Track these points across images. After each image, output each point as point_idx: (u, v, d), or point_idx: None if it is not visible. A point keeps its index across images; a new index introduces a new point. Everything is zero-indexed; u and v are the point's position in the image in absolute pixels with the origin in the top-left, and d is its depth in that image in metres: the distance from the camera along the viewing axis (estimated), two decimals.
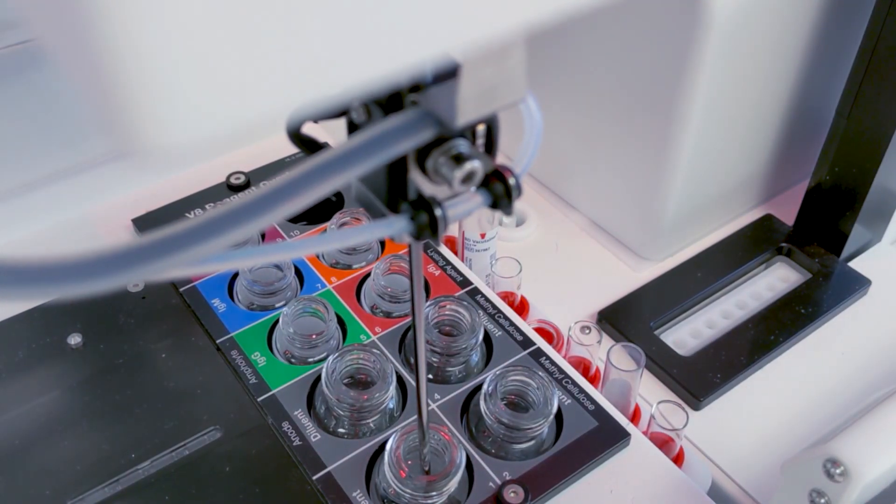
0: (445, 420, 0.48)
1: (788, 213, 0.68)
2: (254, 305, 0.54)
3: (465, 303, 0.52)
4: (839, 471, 0.37)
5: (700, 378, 0.56)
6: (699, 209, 0.64)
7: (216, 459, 0.46)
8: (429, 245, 0.57)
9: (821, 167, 0.63)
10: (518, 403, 0.49)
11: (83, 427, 0.47)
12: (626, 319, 0.60)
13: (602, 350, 0.54)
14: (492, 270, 0.61)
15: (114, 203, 0.62)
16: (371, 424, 0.48)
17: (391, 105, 0.29)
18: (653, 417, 0.49)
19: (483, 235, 0.60)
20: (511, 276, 0.58)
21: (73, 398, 0.49)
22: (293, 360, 0.51)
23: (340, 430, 0.48)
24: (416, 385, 0.40)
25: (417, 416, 0.42)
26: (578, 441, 0.47)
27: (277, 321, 0.52)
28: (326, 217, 0.59)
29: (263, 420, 0.48)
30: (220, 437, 0.47)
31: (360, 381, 0.49)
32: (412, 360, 0.51)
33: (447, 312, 0.52)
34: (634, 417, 0.53)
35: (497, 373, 0.48)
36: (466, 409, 0.49)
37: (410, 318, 0.44)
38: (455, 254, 0.61)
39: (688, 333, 0.60)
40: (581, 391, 0.50)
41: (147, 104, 0.17)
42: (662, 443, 0.50)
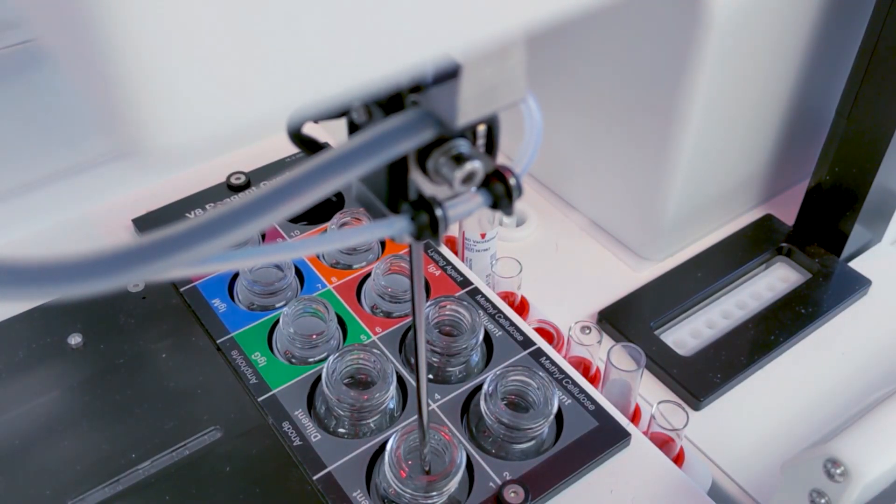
0: (446, 420, 0.48)
1: (788, 213, 0.68)
2: (254, 305, 0.54)
3: (466, 303, 0.52)
4: (839, 471, 0.37)
5: (700, 378, 0.56)
6: (699, 209, 0.64)
7: (216, 459, 0.46)
8: (429, 245, 0.57)
9: (821, 167, 0.63)
10: (518, 403, 0.49)
11: (83, 427, 0.47)
12: (626, 319, 0.60)
13: (602, 350, 0.54)
14: (492, 270, 0.61)
15: (114, 203, 0.62)
16: (371, 424, 0.48)
17: (392, 105, 0.29)
18: (653, 417, 0.49)
19: (483, 235, 0.60)
20: (511, 276, 0.58)
21: (73, 398, 0.49)
22: (293, 360, 0.51)
23: (341, 430, 0.48)
24: (417, 385, 0.40)
25: (418, 416, 0.42)
26: (578, 441, 0.47)
27: (278, 321, 0.52)
28: (327, 217, 0.59)
29: (264, 420, 0.48)
30: (221, 437, 0.47)
31: (361, 381, 0.49)
32: (412, 360, 0.51)
33: (447, 312, 0.52)
34: (634, 417, 0.53)
35: (497, 373, 0.48)
36: (467, 409, 0.49)
37: (411, 318, 0.44)
38: (455, 254, 0.61)
39: (688, 333, 0.60)
40: (581, 391, 0.50)
41: (147, 104, 0.17)
42: (662, 443, 0.50)
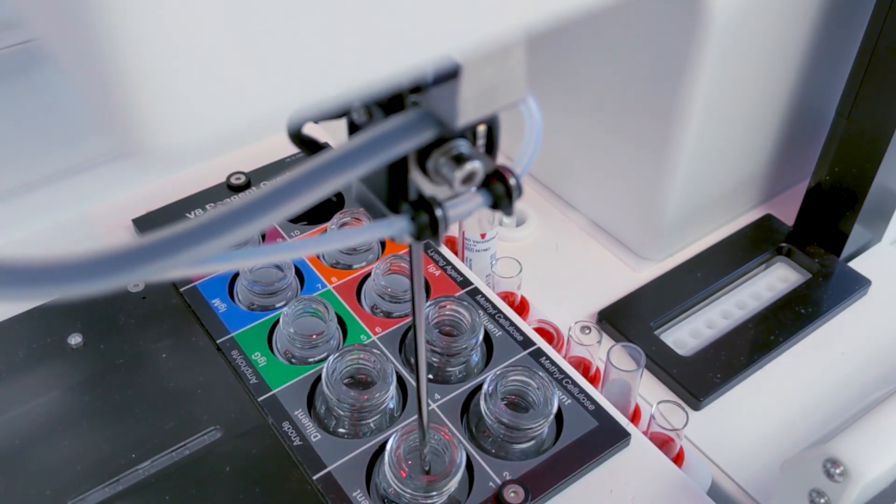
0: (445, 420, 0.48)
1: (788, 213, 0.68)
2: (254, 305, 0.54)
3: (466, 303, 0.52)
4: (839, 471, 0.37)
5: (700, 378, 0.56)
6: (699, 209, 0.64)
7: (216, 459, 0.46)
8: (429, 245, 0.57)
9: (821, 167, 0.63)
10: (518, 403, 0.49)
11: (83, 427, 0.47)
12: (626, 319, 0.60)
13: (602, 350, 0.54)
14: (492, 270, 0.61)
15: (114, 203, 0.62)
16: (371, 424, 0.48)
17: (392, 106, 0.29)
18: (653, 417, 0.49)
19: (483, 235, 0.60)
20: (511, 276, 0.58)
21: (73, 398, 0.49)
22: (293, 360, 0.51)
23: (341, 430, 0.48)
24: (417, 385, 0.40)
25: (418, 416, 0.42)
26: (578, 441, 0.47)
27: (278, 321, 0.52)
28: (327, 217, 0.59)
29: (264, 420, 0.48)
30: (221, 437, 0.47)
31: (361, 381, 0.49)
32: (412, 360, 0.51)
33: (447, 312, 0.52)
34: (634, 417, 0.53)
35: (497, 373, 0.48)
36: (466, 409, 0.49)
37: (410, 318, 0.44)
38: (455, 254, 0.61)
39: (688, 333, 0.60)
40: (581, 391, 0.50)
41: (148, 104, 0.17)
42: (662, 443, 0.50)
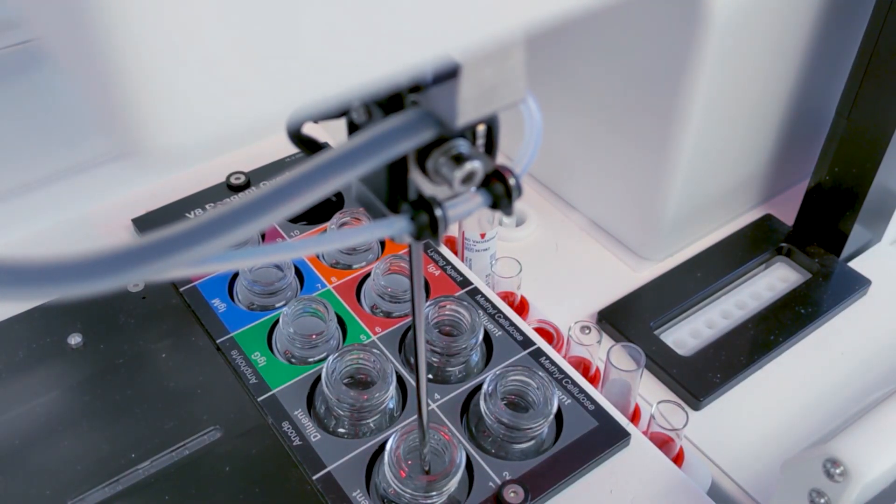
0: (445, 420, 0.48)
1: (788, 213, 0.68)
2: (254, 305, 0.54)
3: (465, 303, 0.52)
4: (839, 471, 0.37)
5: (700, 378, 0.56)
6: (699, 209, 0.64)
7: (216, 459, 0.46)
8: (429, 245, 0.57)
9: (821, 167, 0.63)
10: (518, 403, 0.49)
11: (83, 427, 0.47)
12: (626, 319, 0.60)
13: (602, 350, 0.54)
14: (492, 270, 0.61)
15: (114, 203, 0.62)
16: (371, 424, 0.48)
17: (391, 105, 0.29)
18: (653, 417, 0.49)
19: (483, 235, 0.60)
20: (511, 276, 0.58)
21: (73, 398, 0.49)
22: (293, 360, 0.51)
23: (340, 430, 0.48)
24: (416, 385, 0.40)
25: (417, 416, 0.42)
26: (578, 441, 0.47)
27: (277, 321, 0.52)
28: (326, 217, 0.59)
29: (263, 420, 0.48)
30: (220, 437, 0.47)
31: (360, 381, 0.49)
32: (412, 360, 0.51)
33: (447, 312, 0.52)
34: (634, 417, 0.53)
35: (497, 373, 0.48)
36: (466, 409, 0.49)
37: (410, 318, 0.44)
38: (455, 254, 0.61)
39: (688, 333, 0.60)
40: (581, 391, 0.50)
41: (147, 104, 0.17)
42: (662, 443, 0.50)
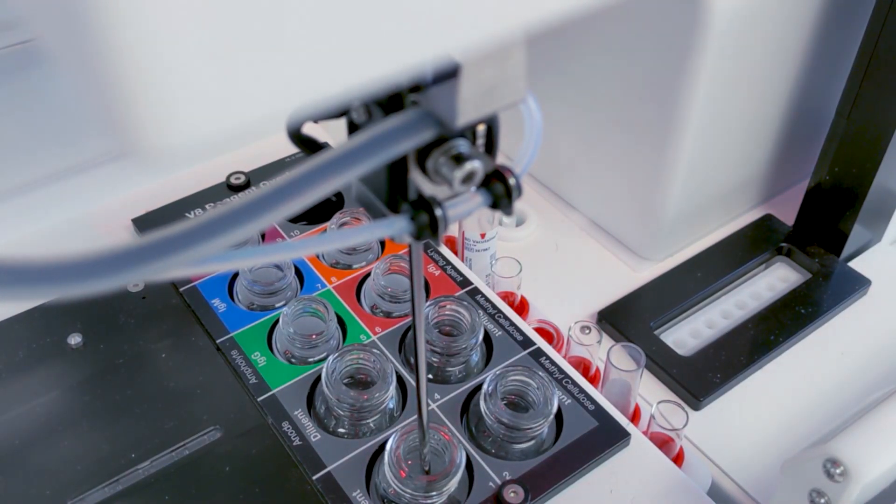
0: (445, 420, 0.48)
1: (788, 213, 0.68)
2: (254, 305, 0.54)
3: (465, 303, 0.52)
4: (839, 471, 0.37)
5: (700, 378, 0.56)
6: (699, 209, 0.64)
7: (216, 459, 0.46)
8: (429, 245, 0.57)
9: (821, 167, 0.63)
10: (518, 403, 0.49)
11: (83, 427, 0.47)
12: (626, 319, 0.60)
13: (602, 350, 0.54)
14: (492, 270, 0.61)
15: (114, 203, 0.62)
16: (371, 424, 0.48)
17: (391, 105, 0.29)
18: (653, 417, 0.49)
19: (483, 235, 0.60)
20: (511, 276, 0.58)
21: (73, 398, 0.49)
22: (293, 360, 0.51)
23: (340, 430, 0.48)
24: (416, 385, 0.40)
25: (417, 416, 0.42)
26: (578, 441, 0.47)
27: (277, 321, 0.52)
28: (326, 217, 0.59)
29: (263, 420, 0.48)
30: (220, 437, 0.47)
31: (360, 381, 0.49)
32: (412, 360, 0.51)
33: (447, 312, 0.52)
34: (634, 417, 0.53)
35: (497, 373, 0.48)
36: (466, 409, 0.49)
37: (410, 318, 0.44)
38: (455, 254, 0.61)
39: (688, 333, 0.60)
40: (581, 391, 0.50)
41: (147, 104, 0.17)
42: (662, 443, 0.50)
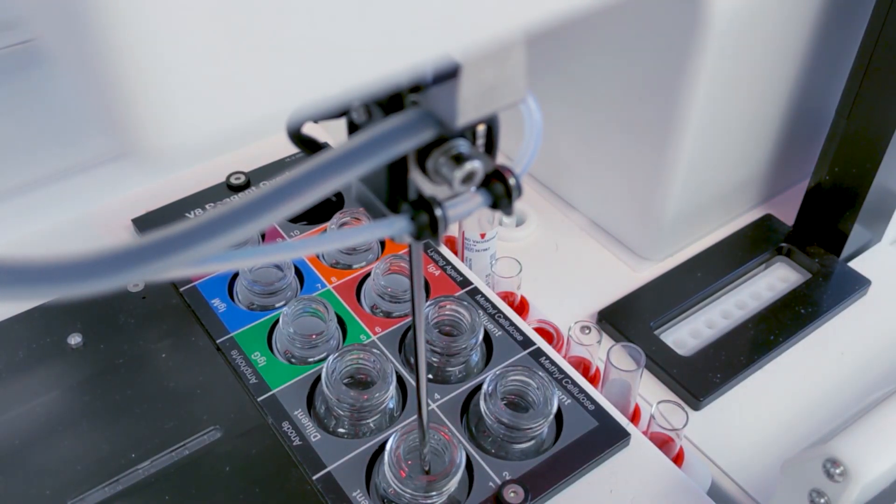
0: (445, 420, 0.48)
1: (788, 213, 0.68)
2: (254, 305, 0.54)
3: (465, 303, 0.52)
4: (839, 471, 0.37)
5: (700, 378, 0.56)
6: (699, 209, 0.64)
7: (216, 459, 0.46)
8: (429, 245, 0.57)
9: (821, 167, 0.63)
10: (518, 403, 0.49)
11: (83, 427, 0.47)
12: (626, 319, 0.60)
13: (602, 350, 0.54)
14: (492, 270, 0.61)
15: (114, 203, 0.62)
16: (371, 424, 0.48)
17: (391, 105, 0.29)
18: (653, 417, 0.49)
19: (483, 235, 0.60)
20: (511, 276, 0.58)
21: (73, 398, 0.49)
22: (293, 360, 0.51)
23: (340, 430, 0.48)
24: (416, 385, 0.40)
25: (417, 416, 0.42)
26: (578, 441, 0.47)
27: (277, 321, 0.52)
28: (326, 217, 0.59)
29: (263, 420, 0.48)
30: (220, 437, 0.47)
31: (360, 381, 0.49)
32: (412, 360, 0.51)
33: (447, 312, 0.52)
34: (634, 417, 0.53)
35: (497, 373, 0.48)
36: (466, 409, 0.49)
37: (410, 318, 0.44)
38: (455, 254, 0.61)
39: (688, 333, 0.60)
40: (581, 391, 0.50)
41: (147, 104, 0.17)
42: (662, 443, 0.50)
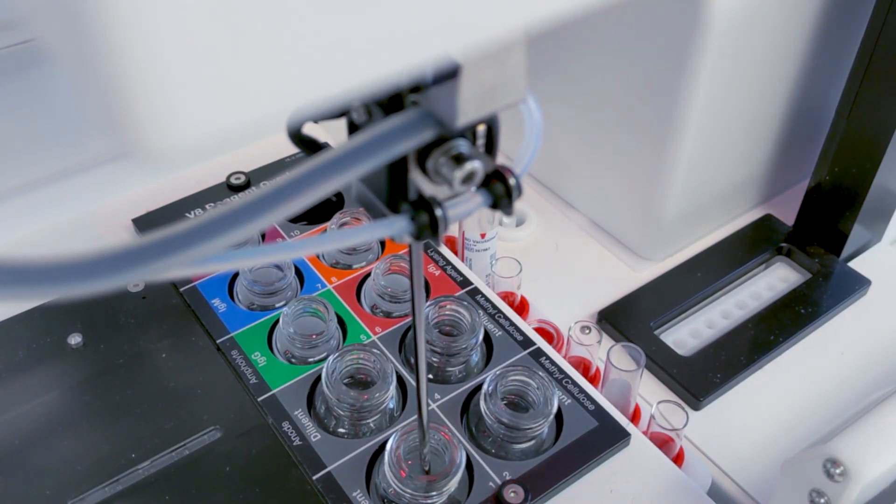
0: (445, 420, 0.48)
1: (788, 213, 0.68)
2: (254, 305, 0.54)
3: (465, 303, 0.52)
4: (839, 471, 0.37)
5: (700, 378, 0.56)
6: (699, 209, 0.64)
7: (216, 459, 0.46)
8: (429, 245, 0.57)
9: (821, 167, 0.63)
10: (518, 403, 0.49)
11: (83, 427, 0.47)
12: (626, 319, 0.60)
13: (602, 350, 0.54)
14: (492, 270, 0.61)
15: (114, 203, 0.62)
16: (371, 424, 0.48)
17: (392, 105, 0.29)
18: (653, 417, 0.49)
19: (483, 235, 0.60)
20: (511, 276, 0.58)
21: (73, 398, 0.49)
22: (293, 360, 0.51)
23: (340, 430, 0.48)
24: (417, 385, 0.40)
25: (417, 416, 0.42)
26: (578, 441, 0.47)
27: (277, 321, 0.52)
28: (326, 217, 0.59)
29: (263, 420, 0.48)
30: (220, 437, 0.47)
31: (360, 381, 0.49)
32: (412, 360, 0.51)
33: (447, 312, 0.52)
34: (634, 417, 0.53)
35: (497, 373, 0.48)
36: (466, 409, 0.49)
37: (410, 318, 0.44)
38: (455, 254, 0.61)
39: (688, 333, 0.60)
40: (581, 391, 0.50)
41: (146, 104, 0.17)
42: (662, 443, 0.50)
